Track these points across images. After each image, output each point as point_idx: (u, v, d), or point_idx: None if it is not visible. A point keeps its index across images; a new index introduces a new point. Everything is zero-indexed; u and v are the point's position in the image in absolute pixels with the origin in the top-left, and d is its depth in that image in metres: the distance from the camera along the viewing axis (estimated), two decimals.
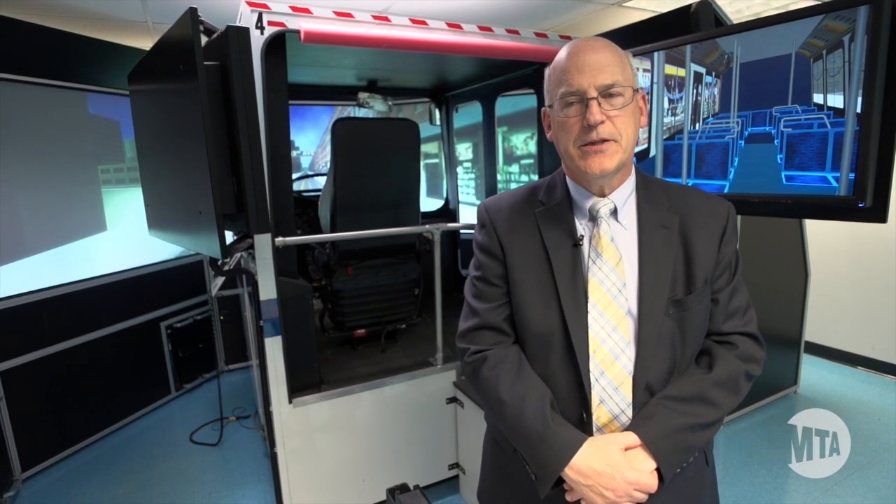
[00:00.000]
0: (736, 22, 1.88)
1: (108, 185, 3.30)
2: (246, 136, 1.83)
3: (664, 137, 1.93)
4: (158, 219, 2.41)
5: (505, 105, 3.68)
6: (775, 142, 1.59)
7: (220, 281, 2.77)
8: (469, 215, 3.95)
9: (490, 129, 3.53)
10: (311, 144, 4.74)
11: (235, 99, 1.78)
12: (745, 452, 2.81)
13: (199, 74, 1.58)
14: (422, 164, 3.00)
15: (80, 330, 3.05)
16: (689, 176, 1.86)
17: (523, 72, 2.89)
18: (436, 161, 4.68)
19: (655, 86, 1.92)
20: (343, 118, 3.52)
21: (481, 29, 2.27)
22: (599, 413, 0.96)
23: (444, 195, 4.06)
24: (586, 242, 1.00)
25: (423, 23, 2.18)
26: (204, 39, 1.83)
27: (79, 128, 3.10)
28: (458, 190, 3.97)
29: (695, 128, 1.82)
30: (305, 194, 3.90)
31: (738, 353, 1.00)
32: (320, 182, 3.91)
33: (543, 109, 1.02)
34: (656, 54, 1.89)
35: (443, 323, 2.40)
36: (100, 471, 2.87)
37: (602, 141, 0.92)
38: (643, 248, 0.99)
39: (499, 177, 3.67)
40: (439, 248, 2.34)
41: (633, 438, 0.93)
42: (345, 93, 3.50)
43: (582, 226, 1.02)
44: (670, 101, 1.89)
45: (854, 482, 2.51)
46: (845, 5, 1.38)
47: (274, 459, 2.15)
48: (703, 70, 1.76)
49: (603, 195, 1.00)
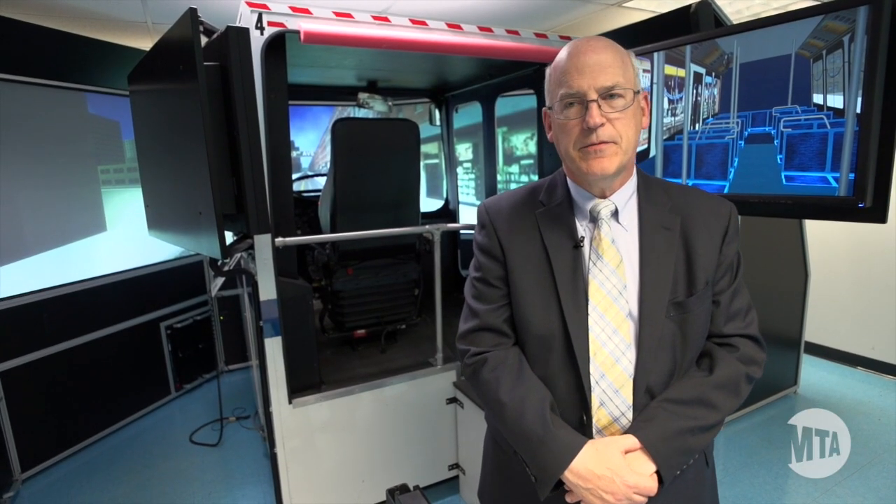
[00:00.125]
0: (736, 22, 1.88)
1: (108, 186, 3.30)
2: (246, 136, 1.83)
3: (664, 138, 1.93)
4: (158, 219, 2.41)
5: (505, 105, 3.68)
6: (775, 142, 1.59)
7: (219, 281, 2.78)
8: (469, 216, 3.95)
9: (490, 130, 3.53)
10: (310, 145, 4.74)
11: (235, 99, 1.78)
12: (745, 453, 2.81)
13: (199, 75, 1.58)
14: (422, 164, 3.00)
15: (80, 330, 3.05)
16: (688, 176, 1.86)
17: (523, 72, 2.89)
18: (436, 161, 4.68)
19: (655, 86, 1.92)
20: (343, 118, 3.52)
21: (481, 29, 2.27)
22: (599, 415, 0.96)
23: (444, 195, 4.06)
24: (587, 244, 0.99)
25: (423, 23, 2.18)
26: (204, 40, 1.83)
27: (79, 128, 3.10)
28: (458, 190, 3.97)
29: (695, 128, 1.82)
30: (305, 195, 3.90)
31: (739, 356, 0.99)
32: (320, 182, 3.91)
33: (544, 110, 1.01)
34: (656, 55, 1.89)
35: (443, 323, 2.39)
36: (99, 471, 2.87)
37: (602, 143, 0.91)
38: (644, 250, 0.98)
39: (499, 177, 3.67)
40: (439, 249, 2.34)
41: (632, 441, 0.93)
42: (345, 93, 3.50)
43: (583, 227, 1.01)
44: (670, 101, 1.89)
45: (854, 483, 2.51)
46: (845, 6, 1.38)
47: (274, 460, 2.15)
48: (702, 70, 1.76)
49: (604, 196, 1.00)
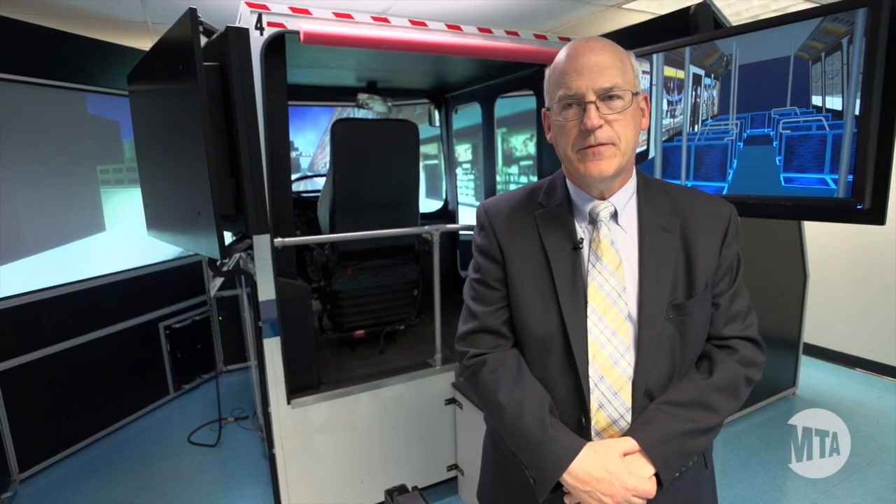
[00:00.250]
0: (735, 24, 1.88)
1: (107, 186, 3.29)
2: (245, 136, 1.83)
3: (663, 139, 1.93)
4: (157, 219, 2.41)
5: (504, 106, 3.68)
6: (774, 144, 1.59)
7: (218, 282, 2.78)
8: (468, 216, 3.95)
9: (489, 131, 3.53)
10: (310, 145, 4.74)
11: (235, 100, 1.78)
12: (744, 454, 2.81)
13: (199, 75, 1.58)
14: (421, 165, 3.00)
15: (78, 330, 3.04)
16: (687, 178, 1.86)
17: (523, 73, 2.89)
18: (435, 162, 4.68)
19: (654, 88, 1.92)
20: (342, 119, 3.51)
21: (481, 30, 2.27)
22: (598, 418, 0.96)
23: (444, 196, 4.06)
24: (586, 246, 0.99)
25: (423, 24, 2.18)
26: (203, 40, 1.83)
27: (78, 128, 3.10)
28: (457, 191, 3.97)
29: (694, 130, 1.82)
30: (305, 195, 3.90)
31: (739, 358, 0.99)
32: (319, 183, 3.91)
33: (543, 111, 1.01)
34: (655, 56, 1.89)
35: (442, 324, 2.39)
36: (98, 471, 2.87)
37: (600, 144, 0.91)
38: (643, 252, 0.98)
39: (498, 178, 3.67)
40: (438, 250, 2.34)
41: (631, 444, 0.92)
42: (344, 94, 3.50)
43: (582, 229, 1.01)
44: (669, 102, 1.89)
45: (852, 484, 2.51)
46: (844, 8, 1.39)
47: (272, 460, 2.15)
48: (702, 72, 1.76)
49: (603, 198, 0.99)
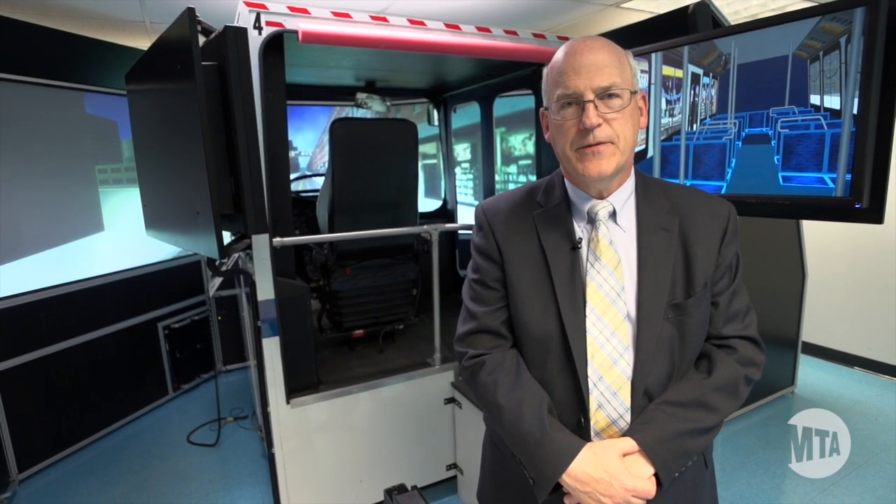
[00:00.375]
0: (733, 23, 1.88)
1: (106, 186, 3.29)
2: (244, 136, 1.83)
3: (662, 138, 1.93)
4: (156, 219, 2.41)
5: (503, 106, 3.68)
6: (772, 143, 1.60)
7: (217, 281, 2.78)
8: (467, 216, 3.95)
9: (488, 130, 3.53)
10: (309, 145, 4.74)
11: (233, 99, 1.78)
12: (743, 453, 2.81)
13: (197, 75, 1.57)
14: (420, 164, 3.00)
15: (77, 330, 3.04)
16: (686, 177, 1.87)
17: (521, 72, 2.89)
18: (434, 161, 4.68)
19: (653, 87, 1.92)
20: (341, 118, 3.51)
21: (479, 29, 2.27)
22: (598, 418, 0.96)
23: (443, 196, 4.06)
24: (585, 245, 0.99)
25: (422, 23, 2.18)
26: (202, 39, 1.83)
27: (76, 128, 3.09)
28: (456, 190, 3.97)
29: (692, 129, 1.82)
30: (303, 195, 3.90)
31: (738, 357, 0.99)
32: (318, 182, 3.91)
33: (542, 110, 1.01)
34: (654, 55, 1.89)
35: (441, 323, 2.39)
36: (97, 471, 2.86)
37: (599, 143, 0.90)
38: (642, 252, 0.97)
39: (497, 177, 3.67)
40: (437, 249, 2.34)
41: (631, 444, 0.92)
42: (343, 93, 3.49)
43: (580, 228, 1.00)
44: (668, 102, 1.89)
45: (851, 482, 2.51)
46: (842, 7, 1.39)
47: (272, 460, 2.15)
48: (700, 71, 1.77)
49: (601, 197, 0.99)
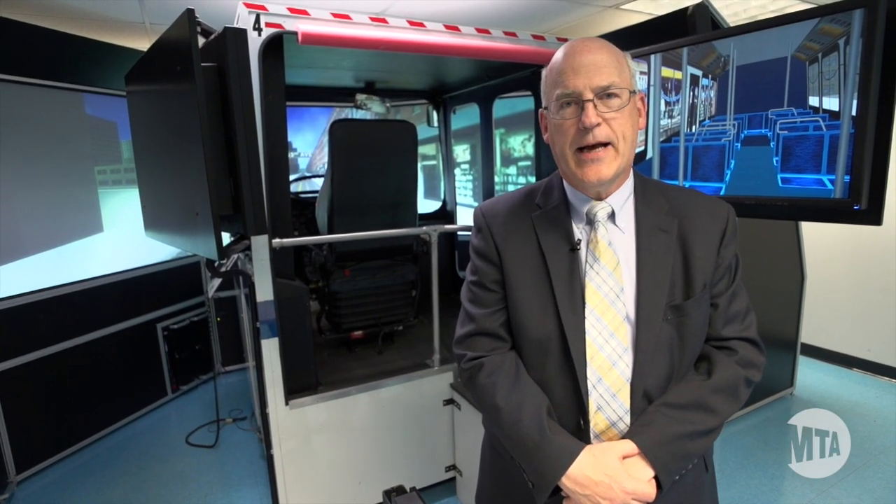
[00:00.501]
0: (732, 25, 1.88)
1: (105, 186, 3.29)
2: (243, 137, 1.83)
3: (661, 140, 1.93)
4: (155, 220, 2.41)
5: (503, 107, 3.68)
6: (771, 144, 1.60)
7: (216, 282, 2.77)
8: (467, 217, 3.95)
9: (488, 131, 3.53)
10: (308, 146, 4.74)
11: (233, 100, 1.78)
12: (742, 454, 2.81)
13: (197, 76, 1.57)
14: (419, 165, 3.00)
15: (76, 331, 3.03)
16: (685, 178, 1.87)
17: (521, 74, 2.89)
18: (433, 163, 4.68)
19: (652, 88, 1.93)
20: (341, 120, 3.51)
21: (479, 31, 2.28)
22: (597, 420, 0.95)
23: (442, 197, 4.06)
24: (583, 247, 0.99)
25: (421, 24, 2.18)
26: (201, 41, 1.83)
27: (76, 128, 3.09)
28: (455, 192, 3.98)
29: (691, 130, 1.82)
30: (303, 196, 3.90)
31: (738, 359, 0.98)
32: (318, 183, 3.91)
33: (541, 111, 1.01)
34: (653, 57, 1.89)
35: (440, 325, 2.39)
36: (95, 473, 2.86)
37: (599, 146, 0.90)
38: (641, 253, 0.97)
39: (496, 178, 3.67)
40: (436, 250, 2.34)
41: (630, 447, 0.92)
42: (343, 94, 3.50)
43: (579, 230, 1.00)
44: (667, 103, 1.89)
45: (850, 484, 2.51)
46: (840, 9, 1.39)
47: (270, 461, 2.15)
48: (699, 73, 1.77)
49: (600, 199, 0.99)
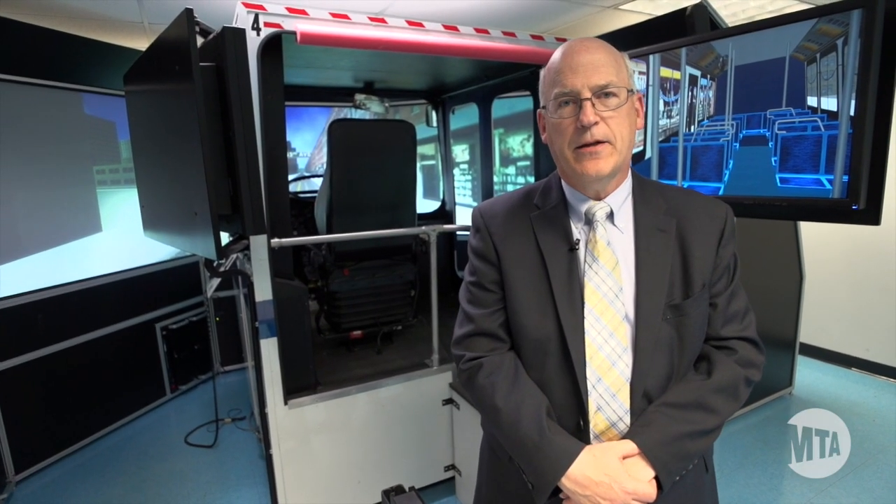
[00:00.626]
0: (731, 25, 1.89)
1: (104, 186, 3.29)
2: (242, 137, 1.83)
3: (659, 140, 1.94)
4: (154, 220, 2.40)
5: (501, 107, 3.68)
6: (770, 144, 1.60)
7: (215, 282, 2.77)
8: (466, 217, 3.95)
9: (486, 131, 3.53)
10: (307, 146, 4.74)
11: (231, 100, 1.78)
12: (741, 454, 2.81)
13: (195, 75, 1.57)
14: (418, 165, 3.00)
15: (74, 331, 3.03)
16: (684, 178, 1.87)
17: (520, 74, 2.89)
18: (432, 162, 4.68)
19: (651, 88, 1.93)
20: (340, 119, 3.51)
21: (478, 31, 2.28)
22: (597, 420, 0.95)
23: (441, 196, 4.06)
24: (582, 246, 0.99)
25: (420, 24, 2.18)
26: (200, 41, 1.83)
27: (74, 128, 3.09)
28: (454, 191, 3.98)
29: (690, 130, 1.82)
30: (302, 195, 3.90)
31: (738, 359, 0.98)
32: (316, 183, 3.91)
33: (539, 111, 1.01)
34: (652, 57, 1.90)
35: (439, 324, 2.39)
36: (94, 473, 2.86)
37: (597, 143, 0.90)
38: (640, 252, 0.97)
39: (495, 178, 3.67)
40: (435, 250, 2.34)
41: (631, 447, 0.91)
42: (341, 94, 3.50)
43: (578, 230, 1.00)
44: (665, 103, 1.89)
45: (849, 483, 2.52)
46: (839, 9, 1.39)
47: (269, 461, 2.15)
48: (698, 73, 1.77)
49: (599, 199, 0.99)
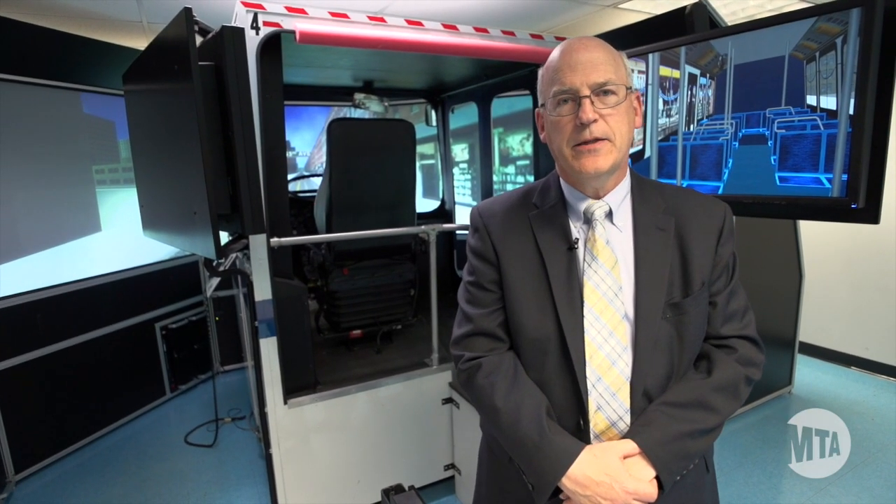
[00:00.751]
0: (730, 24, 1.89)
1: (103, 186, 3.28)
2: (241, 136, 1.83)
3: (659, 139, 1.93)
4: (153, 219, 2.40)
5: (501, 106, 3.68)
6: (769, 143, 1.60)
7: (215, 282, 2.76)
8: (465, 216, 3.94)
9: (486, 131, 3.53)
10: (306, 145, 4.73)
11: (230, 99, 1.78)
12: (740, 453, 2.82)
13: (194, 75, 1.57)
14: (418, 164, 3.00)
15: (74, 331, 3.03)
16: (683, 177, 1.87)
17: (519, 73, 2.89)
18: (432, 162, 4.68)
19: (650, 87, 1.93)
20: (339, 119, 3.51)
21: (477, 30, 2.28)
22: (597, 420, 0.95)
23: (441, 196, 4.06)
24: (581, 245, 0.98)
25: (419, 24, 2.18)
26: (199, 40, 1.83)
27: (73, 128, 3.09)
28: (454, 191, 3.97)
29: (689, 129, 1.82)
30: (301, 195, 3.90)
31: (738, 357, 0.98)
32: (316, 183, 3.91)
33: (537, 110, 1.01)
34: (651, 56, 1.90)
35: (438, 324, 2.39)
36: (94, 472, 2.86)
37: (596, 140, 0.90)
38: (639, 251, 0.97)
39: (495, 178, 3.67)
40: (435, 249, 2.34)
41: (631, 446, 0.91)
42: (341, 93, 3.50)
43: (577, 229, 1.00)
44: (665, 102, 1.89)
45: (848, 482, 2.52)
46: (838, 8, 1.39)
47: (269, 460, 2.15)
48: (697, 72, 1.77)
49: (598, 197, 0.99)
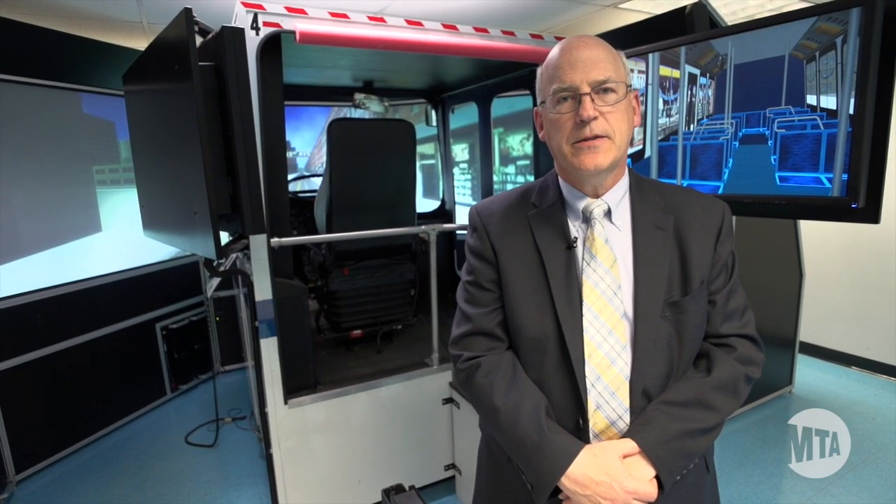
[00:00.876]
0: (730, 24, 1.89)
1: (103, 186, 3.28)
2: (241, 136, 1.83)
3: (659, 138, 1.93)
4: (153, 220, 2.40)
5: (501, 106, 3.68)
6: (769, 143, 1.60)
7: (215, 282, 2.77)
8: (465, 216, 3.94)
9: (486, 130, 3.53)
10: (307, 145, 4.74)
11: (230, 100, 1.78)
12: (741, 453, 2.81)
13: (194, 75, 1.57)
14: (418, 164, 3.00)
15: (74, 331, 3.03)
16: (683, 177, 1.87)
17: (519, 73, 2.89)
18: (432, 162, 4.68)
19: (650, 87, 1.93)
20: (339, 119, 3.51)
21: (477, 30, 2.28)
22: (596, 419, 0.95)
23: (441, 196, 4.06)
24: (580, 244, 0.98)
25: (419, 24, 2.18)
26: (199, 40, 1.83)
27: (73, 128, 3.09)
28: (454, 191, 3.98)
29: (689, 129, 1.82)
30: (301, 195, 3.90)
31: (737, 356, 0.98)
32: (316, 183, 3.91)
33: (536, 109, 1.00)
34: (651, 56, 1.90)
35: (439, 323, 2.40)
36: (95, 472, 2.86)
37: (595, 137, 0.90)
38: (638, 250, 0.97)
39: (495, 177, 3.67)
40: (435, 249, 2.34)
41: (631, 446, 0.91)
42: (341, 93, 3.50)
43: (575, 227, 1.00)
44: (665, 102, 1.89)
45: (848, 482, 2.52)
46: (838, 7, 1.39)
47: (269, 460, 2.15)
48: (697, 71, 1.77)
49: (596, 196, 0.99)
